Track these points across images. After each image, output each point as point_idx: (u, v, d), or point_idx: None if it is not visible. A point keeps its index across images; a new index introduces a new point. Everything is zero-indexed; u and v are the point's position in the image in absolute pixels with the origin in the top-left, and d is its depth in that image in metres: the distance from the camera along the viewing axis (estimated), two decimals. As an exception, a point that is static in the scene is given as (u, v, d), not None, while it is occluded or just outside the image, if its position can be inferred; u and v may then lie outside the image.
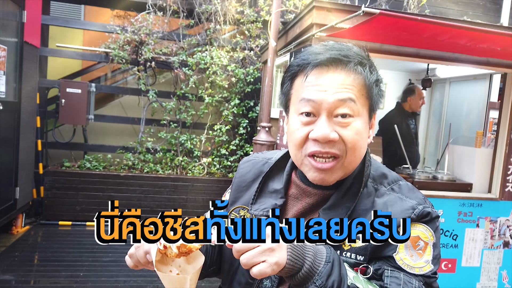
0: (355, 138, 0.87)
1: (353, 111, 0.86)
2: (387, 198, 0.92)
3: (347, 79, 0.86)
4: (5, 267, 3.64)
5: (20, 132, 4.47)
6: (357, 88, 0.87)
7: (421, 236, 0.88)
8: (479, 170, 3.65)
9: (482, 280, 3.58)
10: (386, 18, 2.26)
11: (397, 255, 0.86)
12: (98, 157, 5.50)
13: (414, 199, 0.92)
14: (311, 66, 0.88)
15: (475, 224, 3.51)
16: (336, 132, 0.86)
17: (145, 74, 5.44)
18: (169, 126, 5.53)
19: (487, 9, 6.63)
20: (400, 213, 0.88)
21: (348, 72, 0.87)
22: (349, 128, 0.86)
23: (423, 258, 0.88)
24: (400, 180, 0.98)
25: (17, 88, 4.35)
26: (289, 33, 3.93)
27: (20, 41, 4.35)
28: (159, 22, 5.51)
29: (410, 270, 0.86)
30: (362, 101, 0.88)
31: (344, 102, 0.85)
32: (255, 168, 1.10)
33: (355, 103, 0.86)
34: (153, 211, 5.17)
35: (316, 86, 0.87)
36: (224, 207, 0.80)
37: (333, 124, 0.87)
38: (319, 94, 0.86)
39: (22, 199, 4.58)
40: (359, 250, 0.88)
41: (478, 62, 3.40)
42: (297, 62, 0.91)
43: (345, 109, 0.85)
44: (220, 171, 5.57)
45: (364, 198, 0.93)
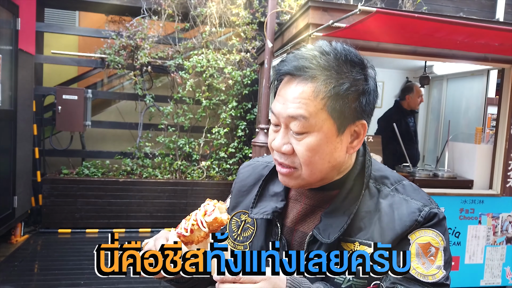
0: (306, 155, 0.84)
1: (305, 127, 0.83)
2: (392, 200, 0.90)
3: (303, 93, 0.82)
4: (4, 277, 3.61)
5: (17, 140, 4.44)
6: (313, 103, 0.81)
7: (432, 242, 0.86)
8: (480, 166, 3.64)
9: (486, 277, 3.56)
10: (382, 16, 2.24)
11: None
12: (96, 164, 5.47)
13: (420, 200, 0.90)
14: (278, 75, 0.88)
15: (477, 220, 3.49)
16: (290, 145, 0.85)
17: (141, 78, 5.42)
18: (167, 130, 5.51)
19: (482, 5, 6.64)
20: (407, 216, 0.87)
21: (305, 85, 0.82)
22: (301, 144, 0.84)
23: (435, 264, 0.86)
24: (403, 179, 0.96)
25: (13, 96, 4.32)
26: (285, 34, 3.92)
27: (14, 48, 4.33)
28: (154, 26, 5.49)
29: (424, 279, 0.84)
30: (322, 115, 0.82)
31: (295, 119, 0.83)
32: (256, 172, 1.09)
33: (306, 120, 0.82)
34: (153, 216, 5.14)
35: (279, 97, 0.87)
36: (224, 239, 0.79)
37: (290, 136, 0.86)
38: (278, 107, 0.86)
39: (20, 207, 4.55)
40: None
41: (476, 58, 3.39)
42: (275, 68, 0.91)
43: (296, 124, 0.83)
44: (220, 174, 5.55)
45: (367, 199, 0.91)
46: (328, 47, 0.85)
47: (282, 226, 0.97)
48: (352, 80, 0.83)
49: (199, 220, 0.82)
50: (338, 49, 0.85)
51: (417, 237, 0.86)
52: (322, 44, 0.87)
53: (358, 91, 0.84)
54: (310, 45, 0.89)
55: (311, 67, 0.82)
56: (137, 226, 5.10)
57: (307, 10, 3.12)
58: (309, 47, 0.88)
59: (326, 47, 0.86)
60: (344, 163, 0.91)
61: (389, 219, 0.87)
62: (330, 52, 0.84)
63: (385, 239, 0.86)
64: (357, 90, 0.84)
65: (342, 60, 0.84)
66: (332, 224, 0.88)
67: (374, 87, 0.89)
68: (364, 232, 0.87)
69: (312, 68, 0.82)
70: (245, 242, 1.01)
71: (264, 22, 4.14)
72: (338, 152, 0.86)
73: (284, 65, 0.86)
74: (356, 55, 0.86)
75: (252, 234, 1.01)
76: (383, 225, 0.87)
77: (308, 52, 0.85)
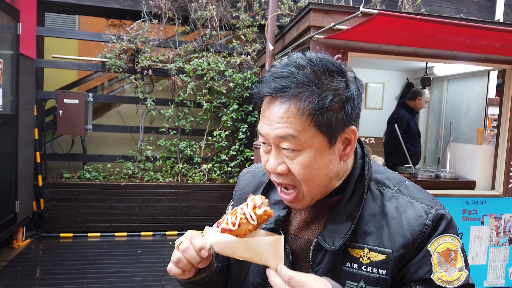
0: (302, 172, 0.83)
1: (296, 145, 0.81)
2: (398, 203, 0.90)
3: (288, 112, 0.80)
4: (7, 282, 3.60)
5: (18, 144, 4.43)
6: (300, 121, 0.80)
7: (450, 247, 0.86)
8: (482, 167, 3.64)
9: (489, 278, 3.55)
10: (384, 18, 2.25)
11: (434, 275, 0.85)
12: (98, 167, 5.47)
13: (425, 202, 0.89)
14: (259, 97, 0.86)
15: (480, 221, 3.49)
16: (285, 164, 0.84)
17: (142, 82, 5.42)
18: (168, 134, 5.51)
19: (481, 6, 6.65)
20: (415, 220, 0.87)
21: (289, 105, 0.80)
22: (295, 162, 0.83)
23: (457, 267, 0.86)
24: (405, 180, 0.96)
25: (14, 101, 4.32)
26: (286, 36, 3.93)
27: (15, 53, 4.33)
28: (155, 29, 5.50)
29: (450, 285, 0.84)
30: (310, 131, 0.81)
31: (284, 139, 0.81)
32: (255, 179, 1.09)
33: (296, 139, 0.81)
34: (155, 219, 5.13)
35: (264, 118, 0.85)
36: None
37: (283, 155, 0.84)
38: (265, 128, 0.84)
39: (22, 212, 4.54)
40: (380, 264, 0.86)
41: (477, 59, 3.40)
42: (254, 91, 0.88)
43: (286, 144, 0.82)
44: (221, 177, 5.54)
45: (370, 202, 0.90)
46: (303, 60, 0.83)
47: (286, 234, 0.96)
48: (334, 90, 0.81)
49: (248, 214, 0.82)
50: (313, 61, 0.83)
51: (436, 246, 0.86)
52: (297, 58, 0.84)
53: (342, 100, 0.83)
54: (285, 59, 0.88)
55: (291, 86, 0.80)
56: (139, 230, 5.09)
57: (308, 13, 3.13)
58: (283, 63, 0.85)
59: (301, 60, 0.83)
60: (341, 170, 0.90)
61: (397, 224, 0.87)
62: (306, 66, 0.82)
63: (395, 245, 0.85)
64: (340, 100, 0.82)
65: (320, 71, 0.82)
66: (337, 230, 0.87)
67: (357, 91, 0.86)
68: (372, 238, 0.87)
69: (292, 87, 0.80)
70: None
71: (264, 25, 4.15)
72: (333, 163, 0.85)
73: (263, 87, 0.84)
74: (332, 63, 0.85)
75: None
76: (392, 230, 0.87)
77: (284, 69, 0.83)
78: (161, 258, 4.34)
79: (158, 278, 3.84)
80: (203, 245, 0.82)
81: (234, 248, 0.82)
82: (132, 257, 4.33)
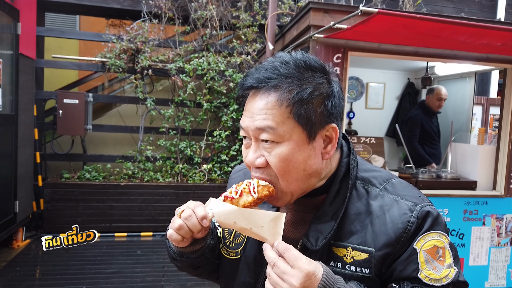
0: (280, 165, 0.84)
1: (274, 137, 0.82)
2: (383, 201, 0.89)
3: (268, 103, 0.83)
4: (6, 282, 3.59)
5: (18, 145, 4.43)
6: (279, 112, 0.82)
7: (437, 243, 0.85)
8: (483, 167, 3.62)
9: (491, 278, 3.53)
10: (384, 17, 2.23)
11: (422, 273, 0.83)
12: (98, 167, 5.46)
13: (410, 199, 0.88)
14: (242, 90, 0.88)
15: (481, 222, 3.47)
16: (263, 157, 0.85)
17: (142, 82, 5.41)
18: (168, 134, 5.50)
19: (483, 6, 6.63)
20: (398, 218, 0.86)
21: (269, 95, 0.83)
22: (273, 155, 0.84)
23: (445, 265, 0.85)
24: (393, 177, 0.95)
25: (14, 101, 4.32)
26: (286, 35, 3.91)
27: (15, 53, 4.32)
28: (155, 29, 5.49)
29: (438, 283, 0.83)
30: (289, 123, 0.82)
31: (263, 130, 0.83)
32: (247, 177, 1.08)
33: (275, 130, 0.82)
34: (155, 220, 5.12)
35: (246, 111, 0.87)
36: None
37: (262, 149, 0.85)
38: (246, 121, 0.86)
39: (22, 212, 4.53)
40: (363, 262, 0.85)
41: (478, 59, 3.38)
42: (239, 84, 0.91)
43: (266, 135, 0.83)
44: (221, 177, 5.53)
45: (355, 201, 0.90)
46: (288, 57, 0.86)
47: None
48: (315, 84, 0.84)
49: (251, 185, 0.84)
50: (298, 57, 0.86)
51: (422, 243, 0.84)
52: (283, 55, 0.88)
53: (323, 95, 0.85)
54: (270, 58, 0.91)
55: (273, 77, 0.83)
56: (139, 230, 5.08)
57: (308, 12, 3.11)
58: (269, 60, 0.89)
59: (286, 57, 0.87)
60: (323, 169, 0.90)
61: (381, 223, 0.86)
62: (290, 61, 0.85)
63: (378, 243, 0.85)
64: (321, 94, 0.84)
65: (302, 66, 0.85)
66: (321, 229, 0.87)
67: (339, 90, 0.88)
68: (356, 237, 0.87)
69: (274, 78, 0.83)
70: (237, 249, 1.02)
71: (264, 25, 4.13)
72: (312, 159, 0.85)
73: (247, 79, 0.87)
74: (315, 61, 0.87)
75: (243, 241, 1.01)
76: (376, 228, 0.86)
77: (269, 63, 0.86)
78: (160, 258, 4.33)
79: (158, 278, 3.83)
80: (206, 214, 0.85)
81: (235, 219, 0.83)
82: (131, 258, 4.32)
